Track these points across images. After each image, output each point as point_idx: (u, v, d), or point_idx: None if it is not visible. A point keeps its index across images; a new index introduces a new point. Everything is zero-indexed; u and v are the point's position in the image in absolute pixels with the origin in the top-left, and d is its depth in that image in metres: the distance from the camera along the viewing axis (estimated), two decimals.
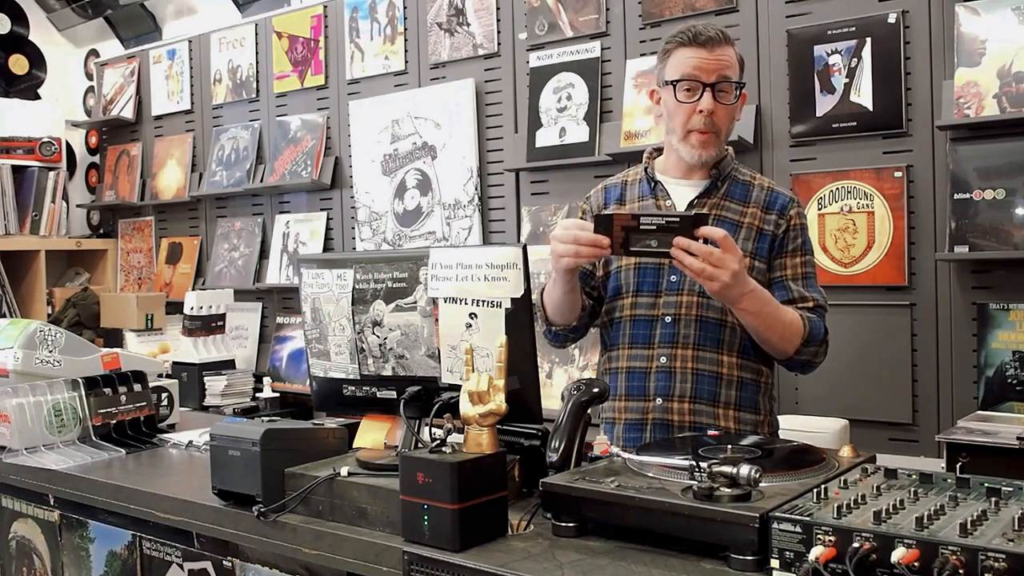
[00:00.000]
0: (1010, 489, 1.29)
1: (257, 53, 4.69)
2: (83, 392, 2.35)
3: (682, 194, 2.06)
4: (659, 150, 2.17)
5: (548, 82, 3.62)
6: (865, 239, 2.93)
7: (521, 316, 1.60)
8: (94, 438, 2.33)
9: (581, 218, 2.12)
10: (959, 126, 2.74)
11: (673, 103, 2.00)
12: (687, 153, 2.01)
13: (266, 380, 4.18)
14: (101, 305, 4.88)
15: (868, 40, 2.92)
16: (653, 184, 2.08)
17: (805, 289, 2.01)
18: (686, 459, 1.42)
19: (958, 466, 2.15)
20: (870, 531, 1.15)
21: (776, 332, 1.91)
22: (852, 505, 1.24)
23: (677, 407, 1.98)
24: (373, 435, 1.85)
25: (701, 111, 1.96)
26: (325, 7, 4.40)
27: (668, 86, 2.01)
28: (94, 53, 5.71)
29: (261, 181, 4.59)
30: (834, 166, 3.00)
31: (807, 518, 1.21)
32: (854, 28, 2.94)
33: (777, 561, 1.22)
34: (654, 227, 1.70)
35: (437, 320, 1.70)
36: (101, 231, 5.66)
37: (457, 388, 1.57)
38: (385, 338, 1.78)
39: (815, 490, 1.31)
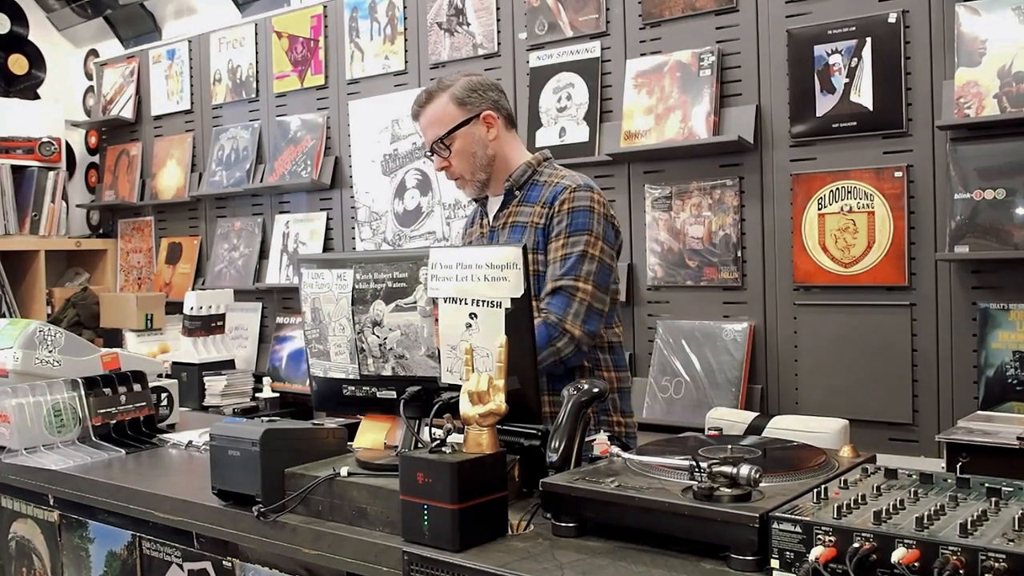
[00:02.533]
0: (1010, 489, 1.29)
1: (257, 53, 4.69)
2: (83, 392, 2.35)
3: (492, 209, 2.30)
4: None
5: (548, 82, 3.62)
6: (865, 239, 2.93)
7: (521, 316, 1.60)
8: (94, 438, 2.33)
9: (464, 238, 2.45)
10: (959, 126, 2.74)
11: None
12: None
13: (266, 380, 4.18)
14: (101, 305, 4.88)
15: (868, 40, 2.92)
16: (482, 208, 2.37)
17: (557, 272, 2.10)
18: (686, 459, 1.42)
19: (958, 466, 2.13)
20: (870, 531, 1.15)
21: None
22: (852, 505, 1.24)
23: None
24: (373, 435, 1.85)
25: (437, 169, 2.29)
26: (325, 7, 4.40)
27: None
28: (94, 53, 5.71)
29: (261, 181, 4.59)
30: (834, 166, 3.00)
31: (807, 518, 1.21)
32: (854, 28, 2.94)
33: (777, 561, 1.22)
34: None
35: (437, 320, 1.70)
36: (101, 231, 5.66)
37: (457, 388, 1.57)
38: (385, 338, 1.78)
39: (815, 490, 1.31)
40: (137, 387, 2.46)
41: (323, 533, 1.61)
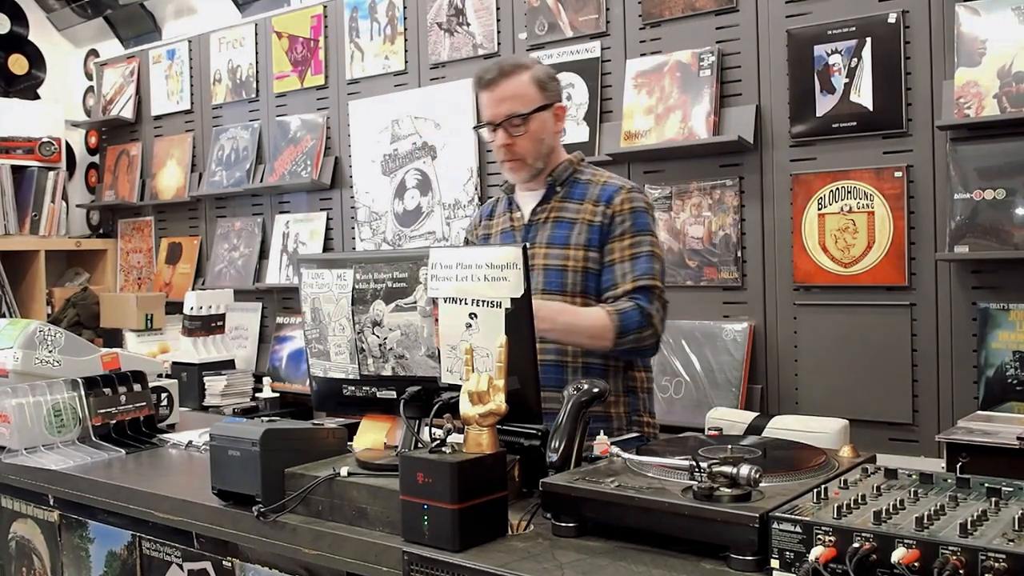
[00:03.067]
0: (1010, 489, 1.29)
1: (257, 53, 4.69)
2: (83, 392, 2.34)
3: (528, 204, 2.29)
4: None
5: None
6: (865, 239, 2.93)
7: (521, 316, 1.60)
8: (94, 438, 2.33)
9: (465, 239, 2.45)
10: (959, 126, 2.74)
11: (487, 143, 2.27)
12: (511, 179, 2.30)
13: (266, 380, 4.17)
14: (101, 305, 4.88)
15: (868, 40, 2.92)
16: (509, 201, 2.35)
17: (630, 270, 2.14)
18: (686, 459, 1.42)
19: (958, 466, 2.13)
20: (870, 531, 1.15)
21: (582, 336, 2.10)
22: (852, 505, 1.24)
23: None
24: (373, 435, 1.85)
25: (499, 146, 2.21)
26: (325, 7, 4.40)
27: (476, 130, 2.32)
28: (94, 53, 5.71)
29: (261, 181, 4.59)
30: (834, 166, 3.00)
31: (807, 518, 1.21)
32: (854, 28, 2.94)
33: (777, 561, 1.22)
34: None
35: (437, 320, 1.70)
36: (101, 231, 5.66)
37: (457, 388, 1.57)
38: (385, 338, 1.78)
39: (815, 490, 1.31)
40: (137, 387, 2.45)
41: (323, 533, 1.61)
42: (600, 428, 2.06)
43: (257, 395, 4.17)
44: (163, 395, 2.64)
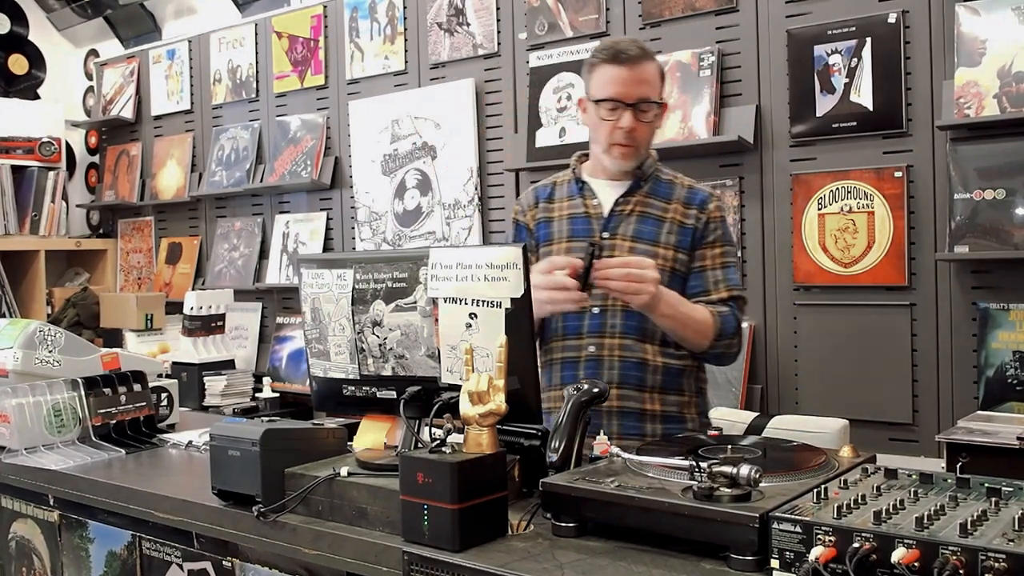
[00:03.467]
0: (1010, 489, 1.29)
1: (257, 53, 4.69)
2: (83, 392, 2.34)
3: (608, 193, 2.20)
4: (587, 154, 2.29)
5: (548, 82, 3.62)
6: (865, 239, 2.93)
7: (521, 316, 1.60)
8: (94, 438, 2.33)
9: (514, 220, 2.33)
10: (959, 126, 2.74)
11: (597, 118, 2.13)
12: (610, 163, 2.16)
13: (266, 380, 4.18)
14: (101, 305, 4.88)
15: (868, 40, 2.92)
16: (580, 185, 2.24)
17: (723, 279, 2.15)
18: (686, 459, 1.42)
19: (958, 466, 2.14)
20: (870, 531, 1.15)
21: (690, 330, 2.07)
22: (852, 505, 1.24)
23: None
24: (373, 435, 1.85)
25: (621, 128, 2.09)
26: (325, 7, 4.40)
27: (593, 103, 2.13)
28: (94, 53, 5.71)
29: (261, 181, 4.59)
30: (834, 166, 3.00)
31: (807, 518, 1.21)
32: (854, 28, 2.94)
33: (777, 561, 1.22)
34: (589, 263, 1.94)
35: (437, 320, 1.70)
36: (101, 231, 5.66)
37: (457, 388, 1.57)
38: (385, 338, 1.78)
39: (815, 490, 1.31)
40: (137, 387, 2.45)
41: (323, 533, 1.61)
42: (677, 430, 2.12)
43: (257, 395, 4.17)
44: (163, 395, 2.64)
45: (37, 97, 5.63)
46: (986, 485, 1.30)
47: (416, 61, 4.07)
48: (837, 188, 2.98)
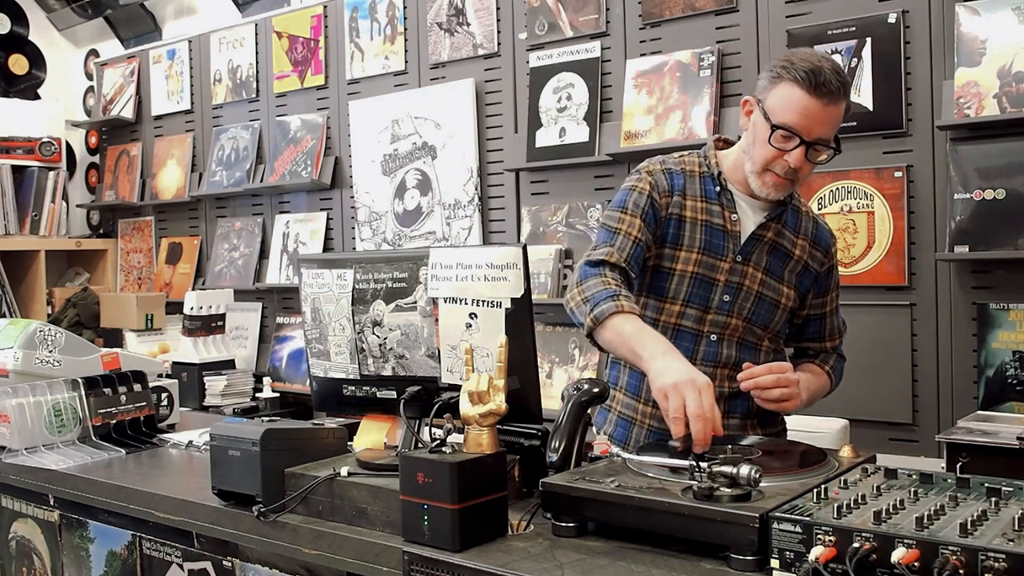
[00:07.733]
0: (1010, 489, 1.29)
1: (257, 53, 4.69)
2: (83, 392, 2.35)
3: (749, 215, 1.98)
4: (726, 141, 2.08)
5: (548, 82, 3.62)
6: (865, 239, 2.93)
7: (521, 316, 1.60)
8: (94, 438, 2.33)
9: (648, 194, 1.98)
10: (959, 126, 2.74)
11: (763, 136, 1.86)
12: (756, 188, 1.93)
13: (266, 380, 4.18)
14: (101, 305, 4.88)
15: (868, 40, 2.92)
16: (719, 190, 1.99)
17: (838, 325, 2.18)
18: (686, 459, 1.42)
19: (958, 466, 2.15)
20: (870, 531, 1.15)
21: (817, 398, 2.10)
22: (852, 505, 1.24)
23: None
24: (373, 435, 1.85)
25: (787, 161, 1.86)
26: (325, 7, 4.40)
27: (766, 122, 1.85)
28: (94, 53, 5.71)
29: (261, 181, 4.59)
30: (834, 166, 2.99)
31: (807, 518, 1.21)
32: (854, 28, 2.94)
33: (777, 561, 1.22)
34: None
35: (437, 320, 1.70)
36: (101, 231, 5.66)
37: (457, 388, 1.57)
38: (385, 338, 1.78)
39: (815, 490, 1.31)
40: (137, 387, 2.46)
41: (323, 533, 1.61)
42: (773, 432, 2.09)
43: (257, 395, 4.18)
44: (163, 395, 2.65)
45: (37, 97, 5.63)
46: (986, 485, 1.30)
47: (416, 61, 4.07)
48: (837, 188, 2.98)
